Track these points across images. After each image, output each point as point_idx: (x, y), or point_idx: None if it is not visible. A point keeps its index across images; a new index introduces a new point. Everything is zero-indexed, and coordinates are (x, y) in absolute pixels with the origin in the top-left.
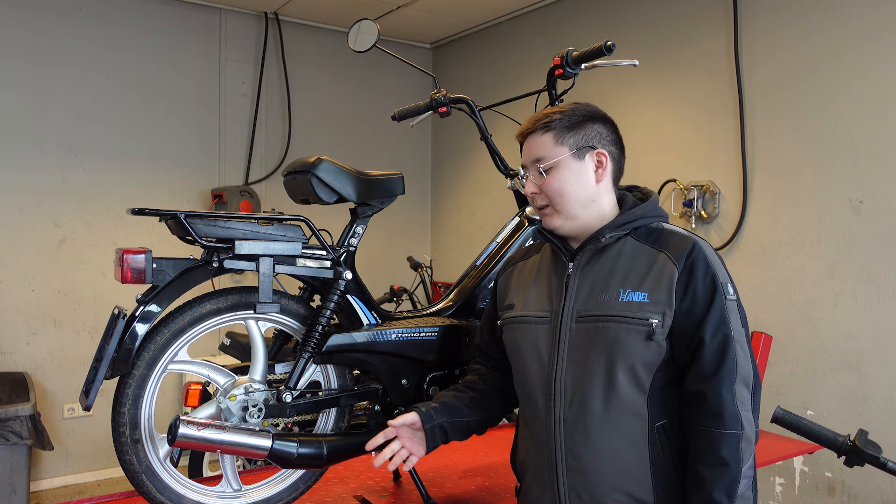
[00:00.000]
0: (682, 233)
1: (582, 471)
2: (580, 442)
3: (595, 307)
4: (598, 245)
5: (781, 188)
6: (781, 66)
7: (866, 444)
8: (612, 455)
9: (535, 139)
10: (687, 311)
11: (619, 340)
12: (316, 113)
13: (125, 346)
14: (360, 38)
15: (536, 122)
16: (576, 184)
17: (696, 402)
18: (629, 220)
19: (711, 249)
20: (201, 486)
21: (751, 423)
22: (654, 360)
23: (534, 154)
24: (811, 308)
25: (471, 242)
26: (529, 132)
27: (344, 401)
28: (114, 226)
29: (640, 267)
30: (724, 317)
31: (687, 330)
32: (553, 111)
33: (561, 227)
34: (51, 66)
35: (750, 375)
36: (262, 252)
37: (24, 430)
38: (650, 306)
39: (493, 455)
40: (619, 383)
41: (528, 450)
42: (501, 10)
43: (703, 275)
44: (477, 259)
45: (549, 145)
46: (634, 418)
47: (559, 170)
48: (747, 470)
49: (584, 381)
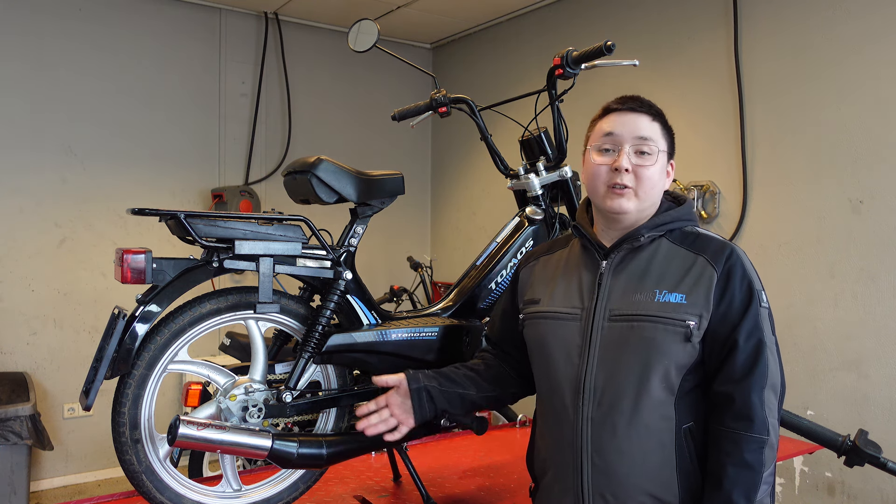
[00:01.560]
0: (719, 238)
1: (607, 471)
2: (607, 442)
3: (629, 307)
4: (635, 244)
5: (781, 188)
6: (781, 67)
7: (866, 444)
8: (639, 456)
9: (643, 120)
10: (723, 315)
11: (655, 341)
12: (316, 113)
13: (125, 346)
14: (360, 38)
15: (646, 105)
16: (661, 180)
17: (725, 404)
18: (666, 222)
19: (746, 257)
20: (201, 486)
21: (776, 430)
22: (686, 362)
23: (641, 131)
24: (811, 308)
25: (471, 242)
26: (636, 110)
27: (344, 401)
28: (114, 226)
29: (677, 269)
30: (759, 323)
31: (721, 334)
32: (654, 105)
33: (630, 214)
34: (51, 67)
35: (779, 383)
36: (262, 252)
37: (24, 430)
38: (688, 307)
39: (493, 455)
40: (651, 384)
41: (549, 448)
42: (501, 10)
43: (741, 281)
44: (477, 259)
45: (658, 133)
46: (662, 420)
47: (658, 160)
48: (767, 476)
49: (615, 381)
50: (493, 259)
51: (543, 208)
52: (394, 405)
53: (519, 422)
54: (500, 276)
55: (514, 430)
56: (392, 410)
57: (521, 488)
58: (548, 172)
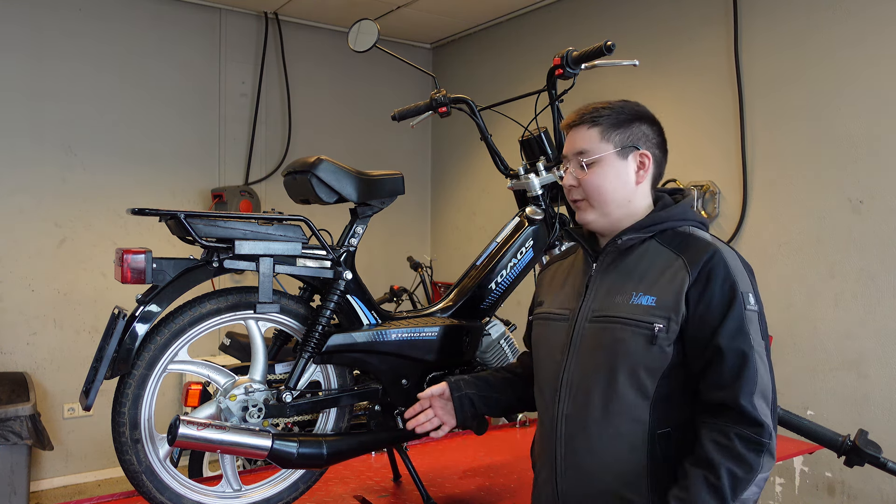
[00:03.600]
0: (706, 239)
1: (578, 468)
2: (579, 440)
3: (608, 308)
4: (618, 247)
5: (781, 188)
6: (781, 66)
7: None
8: (609, 457)
9: (580, 132)
10: (701, 318)
11: (623, 342)
12: (316, 113)
13: (125, 346)
14: (360, 38)
15: (584, 116)
16: (615, 182)
17: (717, 410)
18: (654, 223)
19: (737, 258)
20: (201, 486)
21: (770, 433)
22: (657, 365)
23: (577, 146)
24: (811, 308)
25: (471, 242)
26: (575, 124)
27: (344, 401)
28: (114, 226)
29: (656, 271)
30: (743, 327)
31: (701, 338)
32: (602, 106)
33: (594, 223)
34: (51, 67)
35: (769, 389)
36: (262, 252)
37: (24, 430)
38: (656, 311)
39: (493, 455)
40: (619, 385)
41: (538, 442)
42: (501, 10)
43: (721, 283)
44: (477, 259)
45: (595, 140)
46: (634, 423)
47: (601, 166)
48: (759, 480)
49: (587, 380)
50: (493, 259)
51: (543, 208)
52: (437, 407)
53: (519, 422)
54: (500, 277)
55: (514, 430)
56: (436, 412)
57: (521, 488)
58: (548, 172)
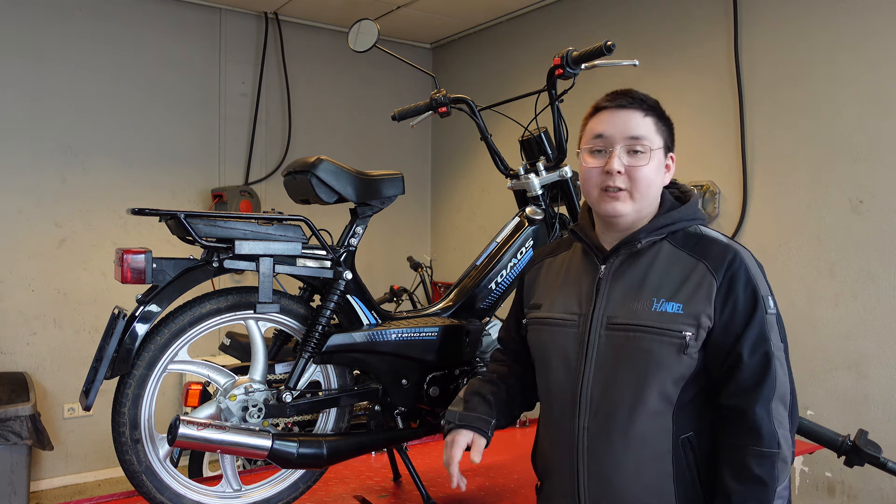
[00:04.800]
0: (722, 241)
1: (603, 480)
2: (603, 451)
3: (627, 315)
4: (634, 249)
5: (781, 188)
6: (781, 66)
7: (866, 444)
8: (635, 466)
9: (634, 116)
10: (725, 324)
11: (652, 353)
12: (316, 113)
13: (125, 346)
14: (360, 38)
15: (638, 101)
16: (658, 178)
17: (733, 418)
18: (667, 224)
19: (752, 259)
20: (201, 486)
21: (788, 442)
22: (684, 373)
23: (632, 131)
24: (811, 308)
25: (471, 242)
26: (627, 106)
27: (344, 401)
28: (114, 226)
29: (676, 276)
30: (764, 332)
31: (724, 344)
32: (647, 97)
33: (628, 216)
34: (51, 67)
35: (787, 393)
36: (262, 252)
37: (24, 430)
38: (685, 318)
39: (493, 455)
40: (647, 397)
41: (549, 454)
42: (501, 10)
43: (744, 287)
44: (477, 259)
45: (651, 129)
46: (660, 431)
47: (652, 158)
48: (782, 490)
49: (610, 393)
50: (493, 259)
51: (543, 208)
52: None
53: (519, 422)
54: (500, 277)
55: (514, 430)
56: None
57: (521, 488)
58: (548, 172)
